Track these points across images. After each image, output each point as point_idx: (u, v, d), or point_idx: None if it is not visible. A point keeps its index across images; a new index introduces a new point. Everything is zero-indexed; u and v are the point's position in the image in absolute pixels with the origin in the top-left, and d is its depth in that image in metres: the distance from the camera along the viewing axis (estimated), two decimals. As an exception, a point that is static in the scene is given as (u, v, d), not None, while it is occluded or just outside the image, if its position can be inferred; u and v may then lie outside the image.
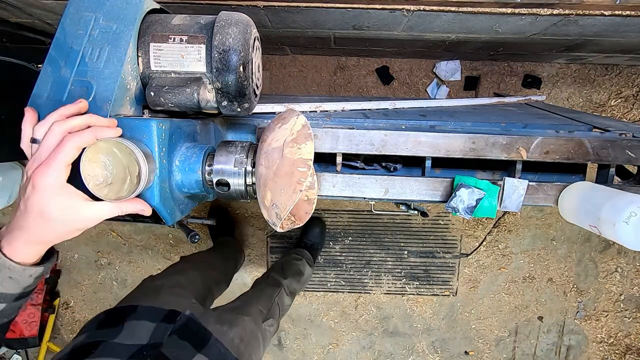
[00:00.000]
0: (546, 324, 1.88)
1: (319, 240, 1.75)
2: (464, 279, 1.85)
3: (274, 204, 0.53)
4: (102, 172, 0.44)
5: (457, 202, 0.69)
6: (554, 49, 1.37)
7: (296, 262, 1.51)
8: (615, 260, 1.82)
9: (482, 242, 1.77)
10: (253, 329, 0.89)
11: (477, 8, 0.96)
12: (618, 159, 0.69)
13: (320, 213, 1.80)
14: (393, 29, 1.18)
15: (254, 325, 0.90)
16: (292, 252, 1.61)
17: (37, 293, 1.69)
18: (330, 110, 0.88)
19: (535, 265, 1.83)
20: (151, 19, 0.56)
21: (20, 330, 1.67)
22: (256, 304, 1.04)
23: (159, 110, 0.57)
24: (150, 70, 0.55)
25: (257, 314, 0.98)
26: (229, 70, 0.52)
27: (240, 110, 0.58)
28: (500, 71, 1.69)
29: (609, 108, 1.71)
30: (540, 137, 0.69)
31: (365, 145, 0.70)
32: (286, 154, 0.52)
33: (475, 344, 1.91)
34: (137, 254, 1.87)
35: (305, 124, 0.54)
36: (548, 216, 1.79)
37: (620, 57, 1.48)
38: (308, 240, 1.72)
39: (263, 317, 1.00)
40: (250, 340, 0.84)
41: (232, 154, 0.58)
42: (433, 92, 1.71)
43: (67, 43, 0.52)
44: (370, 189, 0.71)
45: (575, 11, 0.94)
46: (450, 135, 0.69)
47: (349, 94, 1.73)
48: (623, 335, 1.89)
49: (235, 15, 0.54)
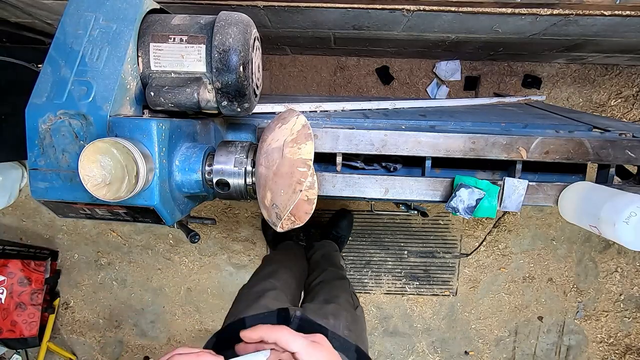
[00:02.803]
0: (546, 324, 1.88)
1: (346, 232, 1.75)
2: (464, 279, 1.85)
3: (274, 204, 0.53)
4: (101, 172, 0.44)
5: (457, 202, 0.69)
6: (554, 49, 1.37)
7: (337, 254, 1.52)
8: (615, 260, 1.82)
9: (482, 242, 1.77)
10: (354, 317, 0.89)
11: (477, 8, 0.96)
12: (618, 159, 0.69)
13: (320, 213, 1.80)
14: (393, 29, 1.18)
15: (350, 314, 0.89)
16: (326, 245, 1.59)
17: (37, 293, 1.69)
18: (330, 110, 0.87)
19: (535, 265, 1.83)
20: (151, 19, 0.56)
21: (20, 330, 1.67)
22: (342, 296, 1.03)
23: (159, 110, 0.57)
24: (150, 70, 0.55)
25: (347, 304, 0.98)
26: (229, 70, 0.52)
27: (240, 110, 0.58)
28: (500, 71, 1.69)
29: (609, 108, 1.71)
30: (540, 137, 0.69)
31: (365, 145, 0.70)
32: (286, 154, 0.52)
33: (475, 344, 1.91)
34: (137, 254, 1.87)
35: (305, 124, 0.54)
36: (548, 216, 1.79)
37: (620, 57, 1.48)
38: (336, 232, 1.72)
39: (352, 306, 1.00)
40: (356, 328, 0.84)
41: (232, 153, 0.58)
42: (433, 92, 1.71)
43: (67, 43, 0.52)
44: (370, 189, 0.71)
45: (575, 11, 0.93)
46: (450, 135, 0.69)
47: (349, 94, 1.73)
48: (623, 335, 1.89)
49: (235, 15, 0.54)
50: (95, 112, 0.49)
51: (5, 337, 1.66)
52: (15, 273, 1.65)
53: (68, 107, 0.49)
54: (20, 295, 1.66)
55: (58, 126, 0.49)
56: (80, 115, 0.49)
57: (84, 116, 0.49)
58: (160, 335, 1.94)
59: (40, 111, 0.49)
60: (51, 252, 1.84)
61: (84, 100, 0.49)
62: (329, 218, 1.78)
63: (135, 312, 1.91)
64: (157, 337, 1.94)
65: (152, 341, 1.94)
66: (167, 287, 1.89)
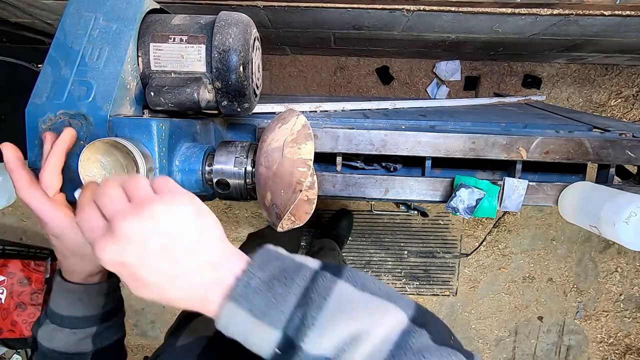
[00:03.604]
0: (546, 324, 1.88)
1: (346, 232, 1.75)
2: (464, 279, 1.85)
3: (274, 204, 0.53)
4: (100, 172, 0.44)
5: (457, 202, 0.69)
6: (554, 49, 1.37)
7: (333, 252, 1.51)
8: (615, 260, 1.82)
9: (482, 242, 1.77)
10: None
11: (477, 8, 0.96)
12: (618, 159, 0.69)
13: (320, 213, 1.80)
14: (393, 29, 1.18)
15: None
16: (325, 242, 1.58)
17: (37, 293, 1.69)
18: (330, 110, 0.87)
19: (535, 265, 1.83)
20: (151, 19, 0.56)
21: (20, 330, 1.67)
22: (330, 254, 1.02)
23: (159, 110, 0.57)
24: (150, 70, 0.55)
25: None
26: (229, 70, 0.52)
27: (240, 110, 0.58)
28: (500, 71, 1.69)
29: (609, 108, 1.71)
30: (540, 137, 0.69)
31: (365, 145, 0.70)
32: (286, 154, 0.52)
33: (475, 344, 1.91)
34: (137, 254, 1.87)
35: (305, 124, 0.54)
36: (548, 216, 1.79)
37: (620, 57, 1.48)
38: (336, 231, 1.72)
39: None
40: None
41: (232, 154, 0.58)
42: (433, 92, 1.71)
43: (67, 43, 0.52)
44: (370, 189, 0.71)
45: (575, 11, 0.93)
46: (450, 135, 0.69)
47: (349, 94, 1.73)
48: (623, 335, 1.89)
49: (235, 15, 0.54)
50: (95, 112, 0.48)
51: (5, 337, 1.66)
52: (15, 273, 1.65)
53: (68, 107, 0.49)
54: (20, 295, 1.66)
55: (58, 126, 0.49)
56: (80, 115, 0.49)
57: (84, 116, 0.49)
58: (160, 336, 1.94)
59: (40, 111, 0.49)
60: (51, 252, 1.84)
61: (84, 100, 0.49)
62: (329, 218, 1.78)
63: (135, 312, 1.91)
64: (157, 337, 1.94)
65: (152, 341, 1.94)
66: (167, 287, 1.89)
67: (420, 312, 0.33)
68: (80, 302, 0.46)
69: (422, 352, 0.29)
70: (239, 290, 0.31)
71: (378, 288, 0.34)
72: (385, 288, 0.34)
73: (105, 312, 0.48)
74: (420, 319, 0.32)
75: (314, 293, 0.31)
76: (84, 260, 0.44)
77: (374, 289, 0.33)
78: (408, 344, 0.29)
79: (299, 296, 0.31)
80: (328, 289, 0.32)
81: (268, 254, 0.34)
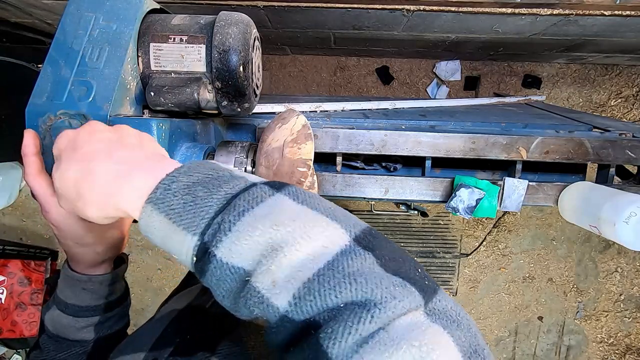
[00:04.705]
0: (546, 324, 1.88)
1: None
2: (464, 279, 1.85)
3: (274, 204, 0.53)
4: None
5: (457, 202, 0.69)
6: (554, 49, 1.37)
7: None
8: (615, 260, 1.82)
9: (482, 242, 1.77)
10: None
11: (477, 8, 0.96)
12: (618, 159, 0.69)
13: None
14: (393, 29, 1.18)
15: None
16: None
17: (37, 293, 1.69)
18: (330, 110, 0.88)
19: (535, 265, 1.83)
20: (151, 19, 0.56)
21: (20, 330, 1.67)
22: None
23: (159, 110, 0.57)
24: (150, 70, 0.55)
25: None
26: (229, 70, 0.52)
27: (240, 110, 0.58)
28: (500, 71, 1.69)
29: (609, 108, 1.71)
30: (540, 137, 0.69)
31: (365, 145, 0.70)
32: (286, 154, 0.52)
33: (475, 344, 1.91)
34: (137, 254, 1.87)
35: (305, 124, 0.54)
36: (548, 216, 1.79)
37: (620, 57, 1.48)
38: None
39: None
40: None
41: (232, 153, 0.58)
42: (433, 92, 1.71)
43: (67, 43, 0.52)
44: (370, 189, 0.71)
45: (575, 11, 0.94)
46: (450, 135, 0.69)
47: (349, 94, 1.74)
48: (623, 335, 1.89)
49: (235, 15, 0.54)
50: (95, 112, 0.48)
51: (5, 337, 1.66)
52: (15, 273, 1.65)
53: (68, 107, 0.49)
54: (20, 295, 1.66)
55: (58, 126, 0.49)
56: (80, 115, 0.49)
57: (84, 116, 0.49)
58: (160, 335, 1.94)
59: (40, 111, 0.49)
60: (51, 252, 1.84)
61: (84, 100, 0.49)
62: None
63: (135, 312, 1.91)
64: (157, 337, 1.94)
65: (152, 341, 1.95)
66: (167, 287, 1.89)
67: (370, 234, 0.27)
68: (84, 291, 0.47)
69: (356, 276, 0.23)
70: (158, 194, 0.29)
71: (323, 206, 0.29)
72: (335, 208, 0.29)
73: (109, 302, 0.49)
74: (367, 242, 0.26)
75: (241, 200, 0.27)
76: (86, 251, 0.46)
77: (317, 206, 0.28)
78: (342, 265, 0.24)
79: (223, 201, 0.28)
80: (259, 197, 0.28)
81: (202, 163, 0.32)
